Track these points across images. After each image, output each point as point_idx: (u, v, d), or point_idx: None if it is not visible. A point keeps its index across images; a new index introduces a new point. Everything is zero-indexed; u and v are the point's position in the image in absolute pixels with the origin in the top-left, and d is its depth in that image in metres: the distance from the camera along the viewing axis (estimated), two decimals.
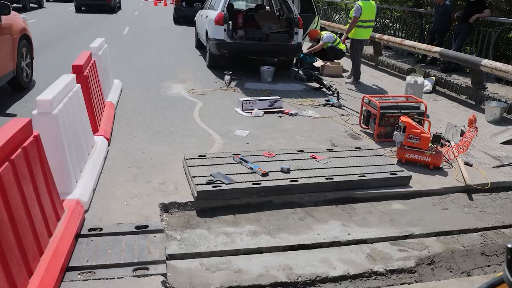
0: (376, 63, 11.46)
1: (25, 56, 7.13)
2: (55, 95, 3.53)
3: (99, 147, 4.66)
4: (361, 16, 8.50)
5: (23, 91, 6.99)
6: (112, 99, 6.48)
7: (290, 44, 9.03)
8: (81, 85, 4.50)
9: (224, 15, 8.74)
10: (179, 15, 19.38)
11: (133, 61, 10.17)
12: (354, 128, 6.15)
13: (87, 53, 5.51)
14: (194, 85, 8.13)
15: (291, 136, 5.72)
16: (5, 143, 2.50)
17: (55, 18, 18.67)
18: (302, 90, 8.27)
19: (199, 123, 6.03)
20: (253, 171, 4.32)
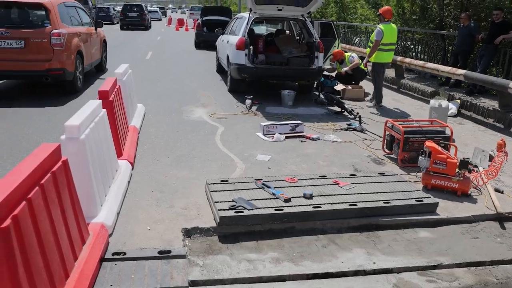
0: (398, 86, 11.41)
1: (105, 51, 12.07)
2: (82, 120, 3.60)
3: (123, 171, 4.71)
4: (382, 39, 8.51)
5: (103, 72, 11.53)
6: (136, 123, 6.58)
7: (310, 68, 9.07)
8: (107, 110, 4.58)
9: (245, 40, 8.85)
10: (200, 40, 19.73)
11: (155, 86, 10.34)
12: (377, 153, 6.09)
13: (113, 79, 5.63)
14: (215, 109, 8.21)
15: (313, 161, 5.69)
16: (35, 168, 2.55)
17: None
18: (323, 114, 8.26)
19: (220, 147, 6.05)
20: (275, 196, 4.29)
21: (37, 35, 8.14)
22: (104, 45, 11.89)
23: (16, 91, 9.44)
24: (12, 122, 6.82)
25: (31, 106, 7.81)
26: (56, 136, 4.05)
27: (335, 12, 29.14)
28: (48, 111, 7.55)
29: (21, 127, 6.61)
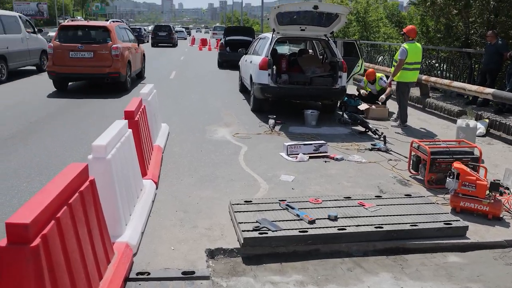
0: (424, 105, 11.27)
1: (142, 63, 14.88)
2: (109, 140, 3.64)
3: (147, 190, 4.74)
4: (407, 58, 8.45)
5: (142, 78, 14.32)
6: (160, 142, 6.64)
7: (334, 87, 9.05)
8: (133, 130, 4.64)
9: (268, 60, 8.90)
10: (223, 60, 19.95)
11: (179, 105, 10.46)
12: (402, 173, 5.99)
13: (138, 99, 5.70)
14: (238, 129, 8.23)
15: (337, 182, 5.63)
16: (64, 188, 2.58)
17: None
18: (347, 134, 8.20)
19: (244, 167, 6.05)
20: (299, 218, 4.24)
21: (102, 48, 11.46)
22: (143, 58, 15.20)
23: (88, 88, 12.72)
24: (88, 108, 9.84)
25: (98, 98, 10.94)
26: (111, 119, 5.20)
27: (358, 31, 29.19)
28: (109, 102, 10.63)
29: (94, 111, 9.56)
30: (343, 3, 30.87)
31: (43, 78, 13.25)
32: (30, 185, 5.15)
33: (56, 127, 8.01)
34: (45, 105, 10.03)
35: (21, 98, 10.87)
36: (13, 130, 7.59)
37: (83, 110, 9.53)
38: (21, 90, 12.29)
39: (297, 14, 9.04)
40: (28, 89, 12.47)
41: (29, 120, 8.38)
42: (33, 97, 11.02)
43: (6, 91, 12.02)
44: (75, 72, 11.49)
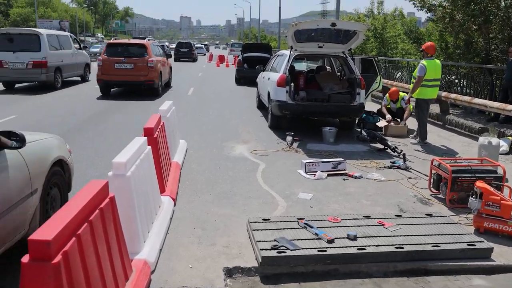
0: (444, 122, 11.14)
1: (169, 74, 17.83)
2: (129, 157, 3.67)
3: (165, 207, 4.74)
4: (425, 75, 8.38)
5: (169, 87, 16.87)
6: (178, 159, 6.67)
7: (352, 104, 9.01)
8: (152, 147, 4.67)
9: (286, 77, 8.92)
10: (240, 76, 20.08)
11: (197, 121, 10.52)
12: (423, 192, 5.89)
13: (157, 116, 5.76)
14: (256, 145, 8.23)
15: (356, 200, 5.56)
16: (85, 205, 2.61)
17: None
18: (365, 151, 8.12)
19: (262, 184, 6.02)
20: (318, 237, 4.19)
21: (140, 61, 14.32)
22: (170, 70, 18.32)
23: (128, 93, 15.48)
24: (128, 108, 12.49)
25: (136, 101, 13.80)
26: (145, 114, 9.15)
27: (375, 47, 29.17)
28: (145, 103, 13.37)
29: (133, 111, 12.01)
30: (360, 20, 30.95)
31: (87, 86, 17.48)
32: None
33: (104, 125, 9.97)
34: (94, 105, 12.91)
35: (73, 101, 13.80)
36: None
37: (124, 110, 12.04)
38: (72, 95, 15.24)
39: (314, 31, 9.06)
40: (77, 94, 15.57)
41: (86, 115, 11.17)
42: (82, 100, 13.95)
43: (62, 95, 15.00)
44: (119, 80, 14.63)
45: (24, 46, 15.09)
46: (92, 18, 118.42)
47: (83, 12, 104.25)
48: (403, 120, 9.77)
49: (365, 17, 33.01)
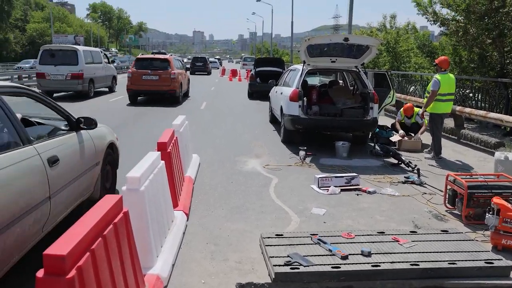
0: (458, 136, 11.03)
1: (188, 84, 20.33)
2: (143, 172, 3.68)
3: (178, 222, 4.74)
4: (439, 89, 8.33)
5: (188, 97, 19.26)
6: (191, 173, 6.68)
7: (365, 119, 8.98)
8: (165, 161, 4.69)
9: (299, 92, 8.94)
10: (253, 90, 20.16)
11: (209, 136, 10.56)
12: (438, 208, 5.81)
13: (170, 130, 5.79)
14: (269, 160, 8.22)
15: (370, 216, 5.50)
16: (99, 220, 2.61)
17: None
18: (379, 166, 8.06)
19: (274, 199, 6.00)
20: (332, 253, 4.14)
21: (164, 73, 16.76)
22: (188, 81, 20.70)
23: (152, 101, 17.82)
24: (154, 112, 14.71)
25: (160, 107, 16.08)
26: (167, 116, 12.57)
27: (388, 61, 29.10)
28: (168, 109, 15.51)
29: (157, 114, 14.31)
30: (372, 34, 30.97)
31: (114, 96, 19.83)
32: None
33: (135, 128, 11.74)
34: (123, 112, 14.95)
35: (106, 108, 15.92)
36: None
37: (151, 114, 14.28)
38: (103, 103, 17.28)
39: (327, 46, 9.09)
40: (106, 102, 17.83)
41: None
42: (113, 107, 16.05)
43: (93, 104, 16.90)
44: (146, 89, 17.07)
45: (64, 60, 17.70)
46: (107, 33, 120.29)
47: (98, 27, 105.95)
48: (417, 134, 9.69)
49: (377, 31, 33.02)
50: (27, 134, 3.78)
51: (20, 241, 3.38)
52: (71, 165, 4.39)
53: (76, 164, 4.54)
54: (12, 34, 75.78)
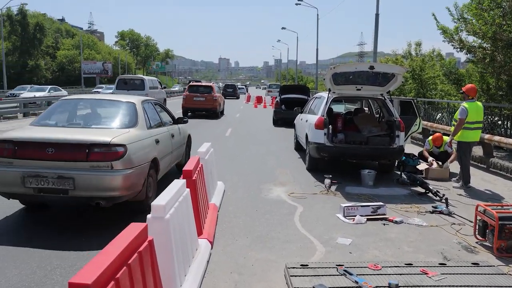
0: (487, 165, 10.78)
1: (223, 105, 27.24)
2: (168, 200, 3.71)
3: (202, 250, 4.73)
4: (467, 117, 8.21)
5: (223, 115, 25.53)
6: (216, 201, 6.69)
7: (391, 147, 8.88)
8: (190, 189, 4.72)
9: (324, 119, 8.93)
10: (278, 118, 20.21)
11: (234, 163, 10.59)
12: (468, 239, 5.65)
13: (196, 158, 5.84)
14: (294, 188, 8.17)
15: (397, 247, 5.38)
16: (124, 248, 2.63)
17: None
18: (406, 195, 7.91)
19: (299, 228, 5.94)
20: (358, 285, 4.06)
21: (209, 96, 23.26)
22: (224, 102, 27.26)
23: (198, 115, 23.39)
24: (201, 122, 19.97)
25: (204, 119, 21.75)
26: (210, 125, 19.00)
27: (414, 88, 28.88)
28: (211, 121, 21.28)
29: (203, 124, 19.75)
30: (398, 62, 30.88)
31: None
32: (89, 240, 5.28)
33: None
34: None
35: None
36: None
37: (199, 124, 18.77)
38: None
39: (353, 74, 9.10)
40: None
41: None
42: None
43: None
44: (195, 107, 23.58)
45: (134, 87, 21.76)
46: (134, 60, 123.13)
47: (126, 54, 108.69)
48: (446, 162, 9.51)
49: (402, 58, 32.91)
50: (165, 121, 7.93)
51: (168, 163, 7.62)
52: (176, 140, 8.18)
53: (178, 140, 8.33)
54: (43, 60, 78.60)
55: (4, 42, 60.31)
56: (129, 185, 5.59)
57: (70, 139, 5.55)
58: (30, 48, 74.84)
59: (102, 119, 6.80)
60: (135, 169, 5.68)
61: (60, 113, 6.85)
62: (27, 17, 74.76)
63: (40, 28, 76.91)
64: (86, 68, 78.05)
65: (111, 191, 5.48)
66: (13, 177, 5.41)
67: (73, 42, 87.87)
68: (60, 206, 6.61)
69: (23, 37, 74.19)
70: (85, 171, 5.38)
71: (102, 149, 5.45)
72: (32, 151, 5.49)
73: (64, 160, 5.41)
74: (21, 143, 5.54)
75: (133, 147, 5.74)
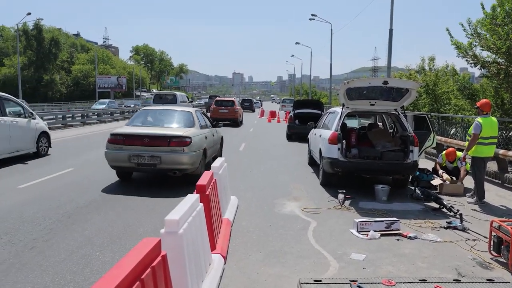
0: (502, 180, 10.67)
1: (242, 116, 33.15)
2: (181, 215, 3.75)
3: (216, 265, 4.76)
4: (481, 132, 8.17)
5: (241, 124, 30.96)
6: (229, 216, 6.73)
7: (405, 162, 8.86)
8: (204, 204, 4.76)
9: (338, 134, 8.95)
10: (292, 132, 20.25)
11: (248, 177, 10.63)
12: (482, 255, 5.60)
13: (210, 173, 5.90)
14: (307, 203, 8.18)
15: (411, 262, 5.35)
16: (137, 263, 2.66)
17: None
18: (420, 210, 7.87)
19: (313, 244, 5.94)
20: None
21: (231, 108, 29.56)
22: (242, 113, 32.10)
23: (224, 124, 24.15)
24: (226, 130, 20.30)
25: (229, 127, 25.27)
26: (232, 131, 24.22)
27: (428, 103, 28.76)
28: (234, 129, 25.79)
29: (227, 131, 20.93)
30: (411, 76, 30.80)
31: None
32: (102, 254, 5.35)
33: None
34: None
35: None
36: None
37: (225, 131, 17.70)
38: None
39: (366, 89, 9.13)
40: None
41: None
42: None
43: None
44: (221, 117, 27.74)
45: (168, 101, 25.60)
46: (148, 74, 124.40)
47: (140, 68, 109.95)
48: (459, 180, 9.46)
49: (416, 73, 32.84)
50: (208, 124, 11.08)
51: (211, 154, 10.70)
52: (215, 138, 11.28)
53: (216, 139, 11.50)
54: (58, 75, 79.77)
55: (20, 56, 61.60)
56: (192, 162, 9.02)
57: (158, 133, 9.04)
58: (46, 62, 76.17)
59: (173, 121, 10.09)
60: (196, 153, 9.13)
61: (143, 117, 10.44)
62: (43, 32, 76.19)
63: (56, 43, 78.27)
64: (100, 82, 79.09)
65: (183, 165, 8.88)
66: (123, 156, 8.85)
67: (88, 57, 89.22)
68: (149, 175, 10.25)
69: (39, 51, 75.58)
70: (167, 152, 8.76)
71: (177, 139, 8.85)
72: (134, 140, 8.89)
73: (154, 146, 8.79)
74: (127, 135, 9.01)
75: (195, 139, 9.16)
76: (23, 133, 12.47)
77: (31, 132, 12.88)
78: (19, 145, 12.30)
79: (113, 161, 9.06)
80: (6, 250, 5.40)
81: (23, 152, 12.51)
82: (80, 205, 7.64)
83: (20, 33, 66.58)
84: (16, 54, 53.32)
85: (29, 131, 12.77)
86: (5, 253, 5.29)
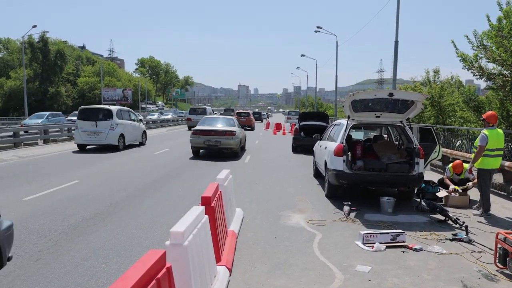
0: (508, 192, 10.61)
1: (254, 123, 46.36)
2: (186, 227, 3.78)
3: (221, 277, 4.76)
4: (487, 144, 8.16)
5: (253, 129, 40.44)
6: (234, 228, 6.74)
7: (411, 174, 8.85)
8: (209, 216, 4.78)
9: (343, 146, 8.96)
10: (297, 144, 20.28)
11: (253, 190, 10.64)
12: (488, 267, 5.57)
13: (215, 184, 5.92)
14: (313, 215, 8.18)
15: (417, 274, 5.33)
16: (142, 275, 2.68)
17: None
18: (425, 222, 7.84)
19: (318, 255, 5.93)
20: None
21: (248, 117, 41.91)
22: (254, 122, 44.55)
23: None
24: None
25: (247, 131, 30.36)
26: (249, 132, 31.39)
27: (433, 115, 28.72)
28: (252, 134, 33.27)
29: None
30: (416, 89, 30.81)
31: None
32: (108, 266, 5.37)
33: None
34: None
35: None
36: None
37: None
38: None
39: (372, 101, 9.16)
40: None
41: None
42: None
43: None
44: (241, 124, 24.10)
45: (200, 113, 36.43)
46: (154, 87, 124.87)
47: (146, 81, 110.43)
48: (472, 183, 9.39)
49: (421, 85, 32.86)
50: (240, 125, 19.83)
51: (244, 141, 20.01)
52: (244, 134, 20.07)
53: (244, 134, 20.11)
54: (64, 87, 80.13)
55: (26, 69, 61.97)
56: (236, 144, 16.90)
57: (219, 129, 17.10)
58: (51, 75, 76.45)
59: (224, 124, 18.06)
60: (238, 139, 17.11)
61: (205, 122, 18.43)
62: (48, 44, 76.43)
63: (61, 55, 78.67)
64: (106, 95, 79.52)
65: (231, 145, 16.77)
66: (200, 141, 16.81)
67: (93, 69, 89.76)
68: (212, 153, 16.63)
69: (44, 64, 75.91)
70: (224, 138, 16.61)
71: (229, 132, 16.75)
72: (206, 132, 16.81)
73: (217, 135, 16.65)
74: (202, 130, 16.98)
75: (237, 132, 17.11)
76: (137, 131, 21.93)
77: (140, 131, 22.49)
78: (136, 137, 21.85)
79: (194, 144, 16.86)
80: (12, 262, 5.43)
81: (136, 142, 21.92)
82: (86, 217, 7.69)
83: (25, 45, 66.97)
84: (22, 66, 53.68)
85: (139, 130, 22.34)
86: (11, 265, 5.32)
